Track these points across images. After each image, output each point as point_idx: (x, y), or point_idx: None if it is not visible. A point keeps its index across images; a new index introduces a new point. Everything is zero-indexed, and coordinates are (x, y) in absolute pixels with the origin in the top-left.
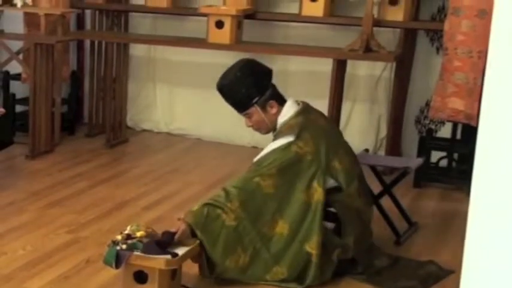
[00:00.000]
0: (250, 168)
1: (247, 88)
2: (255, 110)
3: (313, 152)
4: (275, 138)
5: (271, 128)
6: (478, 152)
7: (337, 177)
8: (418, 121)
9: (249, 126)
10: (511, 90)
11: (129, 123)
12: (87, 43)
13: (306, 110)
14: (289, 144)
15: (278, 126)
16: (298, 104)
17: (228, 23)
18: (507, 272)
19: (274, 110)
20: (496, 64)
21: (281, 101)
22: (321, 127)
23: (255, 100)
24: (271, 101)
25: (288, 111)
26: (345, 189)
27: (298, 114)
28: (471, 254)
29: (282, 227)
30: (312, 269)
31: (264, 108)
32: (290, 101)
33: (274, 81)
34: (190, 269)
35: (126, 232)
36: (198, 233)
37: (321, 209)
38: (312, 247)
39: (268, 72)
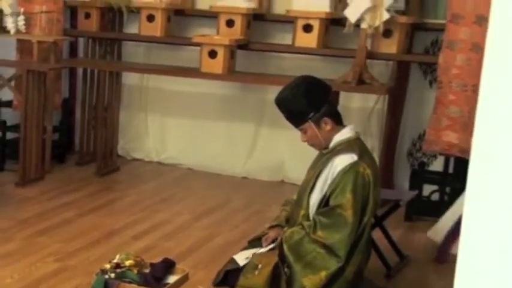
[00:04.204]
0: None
1: (302, 104)
2: (309, 126)
3: (371, 175)
4: (332, 155)
5: (324, 145)
6: (468, 186)
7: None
8: (410, 154)
9: (304, 141)
10: (501, 124)
11: (120, 152)
12: (80, 71)
13: (361, 140)
14: (353, 165)
15: (333, 143)
16: (357, 132)
17: (221, 53)
18: None
19: (328, 127)
20: (488, 97)
21: (337, 119)
22: (372, 158)
23: (309, 116)
24: (325, 118)
25: (348, 132)
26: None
27: (357, 138)
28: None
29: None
30: None
31: (318, 124)
32: (351, 126)
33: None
34: None
35: (115, 261)
36: (285, 247)
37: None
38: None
39: (325, 89)
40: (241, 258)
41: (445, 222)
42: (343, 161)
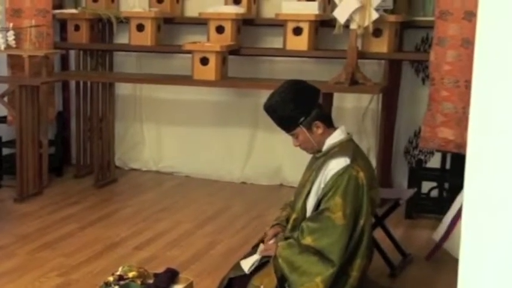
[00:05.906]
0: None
1: (292, 109)
2: (301, 130)
3: (364, 178)
4: (326, 158)
5: (317, 148)
6: (466, 181)
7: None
8: (407, 152)
9: (296, 146)
10: (496, 119)
11: (118, 162)
12: (73, 83)
13: (353, 141)
14: (346, 169)
15: (326, 147)
16: (348, 133)
17: (212, 60)
18: None
19: (320, 131)
20: (481, 92)
21: (328, 122)
22: (366, 158)
23: (300, 121)
24: (316, 122)
25: (340, 134)
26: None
27: (349, 140)
28: (466, 283)
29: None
30: None
31: (309, 128)
32: (342, 127)
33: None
34: None
35: (118, 273)
36: (280, 260)
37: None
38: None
39: (314, 93)
40: (247, 264)
41: (446, 222)
42: (336, 165)
